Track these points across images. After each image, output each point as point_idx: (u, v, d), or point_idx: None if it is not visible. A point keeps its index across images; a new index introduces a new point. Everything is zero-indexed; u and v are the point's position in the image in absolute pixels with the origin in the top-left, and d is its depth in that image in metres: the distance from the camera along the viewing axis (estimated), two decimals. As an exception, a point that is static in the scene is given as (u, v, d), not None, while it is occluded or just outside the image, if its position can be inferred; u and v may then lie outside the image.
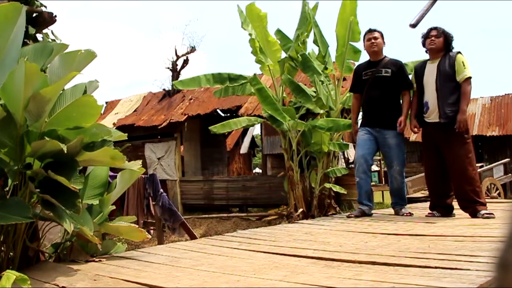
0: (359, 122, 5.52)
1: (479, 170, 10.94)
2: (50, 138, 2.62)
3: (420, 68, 4.95)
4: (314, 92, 7.75)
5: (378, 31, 5.27)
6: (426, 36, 4.87)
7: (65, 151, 2.41)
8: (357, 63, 7.55)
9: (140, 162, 3.28)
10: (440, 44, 4.77)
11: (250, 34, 7.92)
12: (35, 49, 2.95)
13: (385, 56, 5.27)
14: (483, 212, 4.47)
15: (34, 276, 2.54)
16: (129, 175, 3.34)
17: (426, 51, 4.95)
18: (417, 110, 4.96)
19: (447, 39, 4.78)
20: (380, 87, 5.09)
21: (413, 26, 2.45)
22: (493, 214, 4.44)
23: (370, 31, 5.29)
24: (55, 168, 2.57)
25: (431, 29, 4.84)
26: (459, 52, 4.73)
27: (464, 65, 4.62)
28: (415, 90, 5.01)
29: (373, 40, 5.21)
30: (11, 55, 2.70)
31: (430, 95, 4.75)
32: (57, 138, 2.65)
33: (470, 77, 4.61)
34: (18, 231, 2.73)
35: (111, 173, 3.77)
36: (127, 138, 3.27)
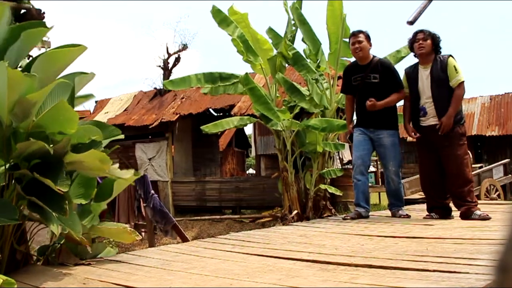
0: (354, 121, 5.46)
1: (478, 171, 10.95)
2: (38, 138, 2.55)
3: (412, 73, 4.86)
4: (308, 91, 7.69)
5: (363, 32, 5.11)
6: (413, 40, 4.81)
7: (51, 153, 2.34)
8: (351, 60, 7.51)
9: (132, 171, 3.20)
10: (428, 47, 4.71)
11: (230, 35, 7.84)
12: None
13: (374, 57, 5.12)
14: (479, 213, 4.49)
15: (22, 280, 2.50)
16: (122, 180, 3.26)
17: (415, 55, 4.88)
18: (411, 115, 4.92)
19: (435, 40, 4.73)
20: (370, 93, 4.99)
21: (411, 23, 2.44)
22: (488, 215, 4.45)
23: (354, 34, 5.14)
24: (42, 169, 2.51)
25: (417, 32, 4.79)
26: (450, 56, 4.69)
27: (456, 69, 4.59)
28: (407, 93, 4.94)
29: (357, 45, 5.05)
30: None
31: (427, 101, 4.72)
32: (44, 139, 2.58)
33: (463, 82, 4.59)
34: (5, 233, 2.68)
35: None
36: (122, 138, 3.21)
